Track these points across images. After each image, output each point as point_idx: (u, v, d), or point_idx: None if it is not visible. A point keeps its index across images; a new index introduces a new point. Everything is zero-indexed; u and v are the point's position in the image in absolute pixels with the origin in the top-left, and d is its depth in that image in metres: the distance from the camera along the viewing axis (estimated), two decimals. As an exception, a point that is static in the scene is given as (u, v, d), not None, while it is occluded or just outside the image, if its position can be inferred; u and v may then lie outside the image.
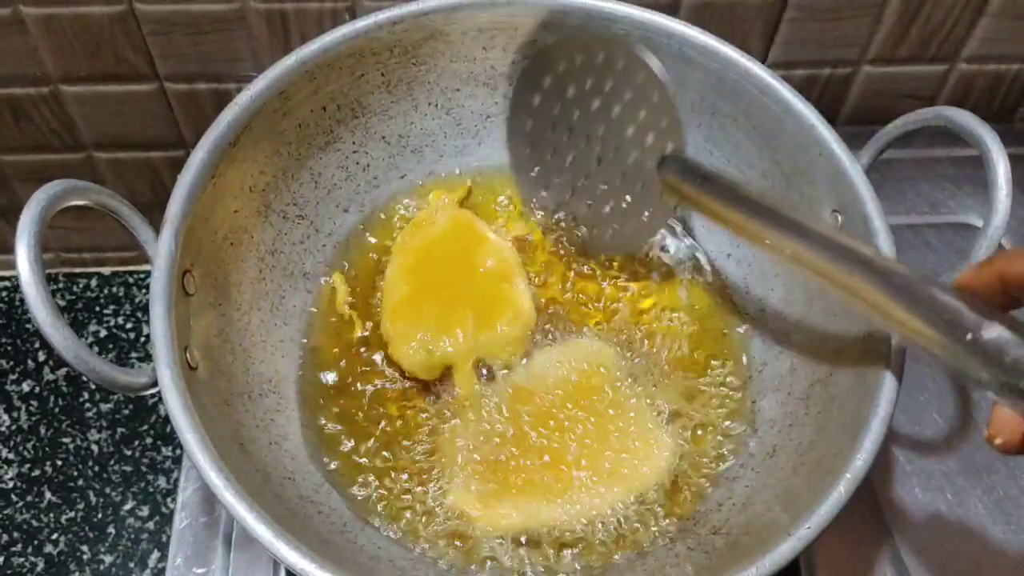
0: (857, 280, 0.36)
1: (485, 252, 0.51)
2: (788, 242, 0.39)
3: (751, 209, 0.42)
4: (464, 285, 0.49)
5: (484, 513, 0.43)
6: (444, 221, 0.52)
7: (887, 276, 0.35)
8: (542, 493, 0.44)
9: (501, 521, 0.43)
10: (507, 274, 0.50)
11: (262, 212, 0.48)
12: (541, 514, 0.43)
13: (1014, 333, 0.31)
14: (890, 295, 0.35)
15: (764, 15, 0.58)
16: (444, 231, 0.52)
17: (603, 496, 0.44)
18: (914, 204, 0.61)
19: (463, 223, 0.52)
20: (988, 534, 0.49)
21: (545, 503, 0.44)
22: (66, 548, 0.58)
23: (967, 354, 0.32)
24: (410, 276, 0.50)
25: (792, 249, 0.39)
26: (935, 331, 0.33)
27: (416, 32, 0.49)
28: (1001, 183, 0.41)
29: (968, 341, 0.32)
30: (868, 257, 0.37)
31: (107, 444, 0.61)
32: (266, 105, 0.45)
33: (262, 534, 0.35)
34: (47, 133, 0.61)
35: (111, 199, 0.41)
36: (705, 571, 0.39)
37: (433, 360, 0.47)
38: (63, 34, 0.55)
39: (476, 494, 0.44)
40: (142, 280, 0.69)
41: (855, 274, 0.36)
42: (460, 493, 0.44)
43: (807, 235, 0.39)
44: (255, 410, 0.44)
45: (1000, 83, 0.65)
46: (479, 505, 0.43)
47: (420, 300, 0.49)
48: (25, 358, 0.65)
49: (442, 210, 0.53)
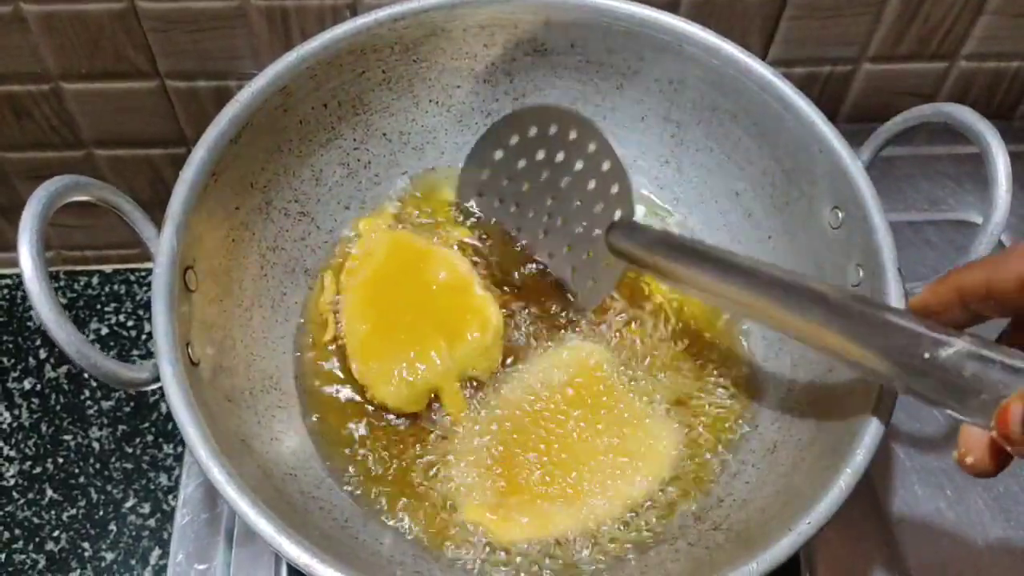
0: (814, 321, 0.36)
1: (434, 265, 0.49)
2: (745, 293, 0.39)
3: (704, 264, 0.42)
4: (423, 305, 0.48)
5: (501, 526, 0.43)
6: (383, 247, 0.50)
7: (842, 309, 0.35)
8: (554, 498, 0.44)
9: (518, 531, 0.43)
10: (462, 283, 0.49)
11: (263, 209, 0.48)
12: (556, 518, 0.43)
13: (972, 347, 0.31)
14: (844, 329, 0.34)
15: (764, 12, 0.58)
16: (386, 256, 0.50)
17: (610, 495, 0.44)
18: (914, 201, 0.61)
19: (402, 243, 0.51)
20: (988, 531, 0.49)
21: (558, 507, 0.44)
22: (67, 545, 0.58)
23: (926, 375, 0.31)
24: (367, 312, 0.48)
25: (748, 300, 0.39)
26: (890, 360, 0.33)
27: (417, 29, 0.49)
28: (1001, 179, 0.41)
29: (925, 360, 0.31)
30: (822, 293, 0.36)
31: (108, 441, 0.62)
32: (267, 102, 0.45)
33: (264, 529, 0.35)
34: (47, 130, 0.61)
35: (113, 195, 0.41)
36: (706, 566, 0.39)
37: (417, 391, 0.46)
38: (64, 31, 0.55)
39: (489, 507, 0.43)
40: (143, 278, 0.69)
41: (812, 314, 0.36)
42: (474, 508, 0.43)
43: (761, 283, 0.39)
44: (257, 406, 0.44)
45: (1000, 81, 0.65)
46: (494, 518, 0.43)
47: (385, 334, 0.47)
48: (26, 355, 0.65)
49: (377, 237, 0.51)
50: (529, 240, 0.52)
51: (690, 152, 0.53)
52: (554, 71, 0.52)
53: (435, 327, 0.47)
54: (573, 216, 0.49)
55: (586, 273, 0.49)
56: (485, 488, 0.44)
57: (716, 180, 0.52)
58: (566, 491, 0.44)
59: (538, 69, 0.52)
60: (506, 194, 0.52)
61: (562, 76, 0.53)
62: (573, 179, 0.49)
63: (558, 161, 0.49)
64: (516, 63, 0.52)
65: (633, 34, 0.49)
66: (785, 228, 0.49)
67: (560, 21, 0.50)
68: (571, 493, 0.44)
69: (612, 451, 0.45)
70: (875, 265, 0.42)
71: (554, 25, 0.50)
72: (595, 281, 0.49)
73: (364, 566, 0.39)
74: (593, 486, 0.44)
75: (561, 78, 0.53)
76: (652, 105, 0.52)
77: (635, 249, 0.45)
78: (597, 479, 0.45)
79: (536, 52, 0.51)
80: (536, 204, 0.51)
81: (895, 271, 0.41)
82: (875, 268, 0.42)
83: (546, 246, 0.51)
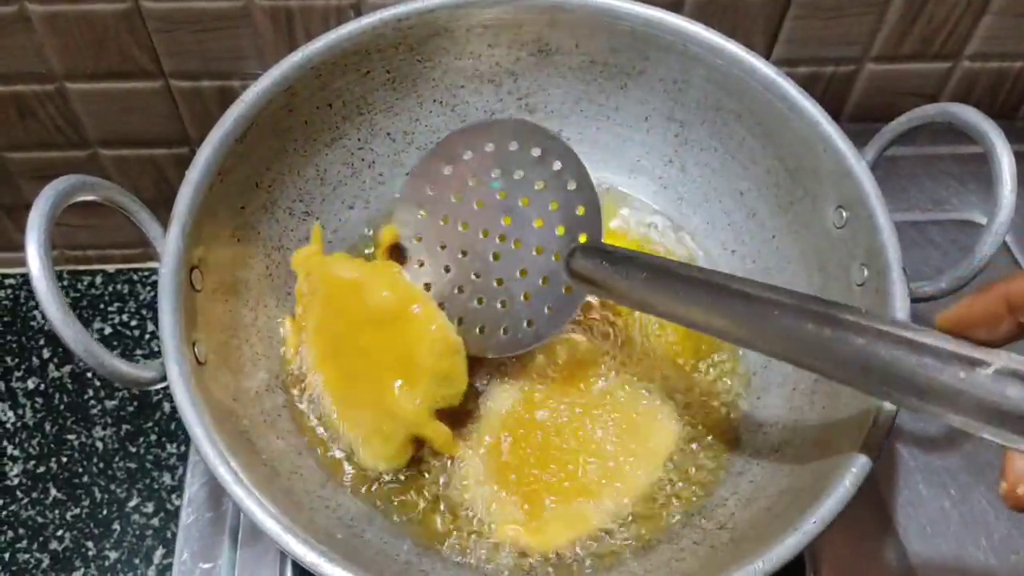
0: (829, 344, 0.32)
1: (375, 286, 0.46)
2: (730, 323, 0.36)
3: (686, 291, 0.38)
4: (374, 344, 0.45)
5: (538, 538, 0.43)
6: (321, 282, 0.47)
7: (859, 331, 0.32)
8: (577, 495, 0.44)
9: (555, 539, 0.43)
10: (405, 298, 0.46)
11: (268, 208, 0.48)
12: (587, 516, 0.43)
13: (1016, 365, 0.28)
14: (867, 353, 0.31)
15: (767, 12, 0.58)
16: (327, 293, 0.46)
17: (626, 485, 0.44)
18: (918, 201, 0.62)
19: (338, 272, 0.47)
20: (992, 530, 0.49)
21: (586, 507, 0.44)
22: (71, 544, 0.58)
23: (958, 399, 0.29)
24: (328, 369, 0.45)
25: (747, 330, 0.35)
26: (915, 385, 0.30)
27: (421, 29, 0.49)
28: (1006, 179, 0.41)
29: (961, 381, 0.29)
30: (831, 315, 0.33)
31: (112, 441, 0.62)
32: (272, 102, 0.46)
33: (271, 527, 0.35)
34: (52, 130, 0.61)
35: (120, 195, 0.41)
36: (711, 565, 0.39)
37: (398, 447, 0.43)
38: (68, 31, 0.55)
39: (520, 523, 0.43)
40: (147, 277, 0.69)
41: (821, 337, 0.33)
42: (507, 529, 0.43)
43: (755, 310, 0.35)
44: (263, 405, 0.44)
45: (1003, 81, 0.65)
46: (529, 531, 0.43)
47: (349, 394, 0.44)
48: (30, 355, 0.65)
49: (313, 274, 0.48)
50: (478, 263, 0.47)
51: (694, 152, 0.53)
52: (558, 71, 0.52)
53: (391, 367, 0.44)
54: (531, 238, 0.46)
55: (543, 300, 0.45)
56: (509, 505, 0.44)
57: (720, 180, 0.52)
58: (586, 487, 0.44)
59: (542, 69, 0.52)
60: (453, 213, 0.48)
61: (566, 76, 0.53)
62: (533, 198, 0.46)
63: (516, 179, 0.46)
64: (520, 63, 0.52)
65: (637, 34, 0.49)
66: (789, 227, 0.49)
67: (564, 21, 0.50)
68: (591, 488, 0.44)
69: (615, 442, 0.45)
70: (880, 265, 0.42)
71: (558, 25, 0.50)
72: (552, 309, 0.45)
73: (370, 565, 0.39)
74: (607, 477, 0.44)
75: (565, 78, 0.53)
76: (656, 105, 0.52)
77: (599, 273, 0.42)
78: (612, 469, 0.44)
79: (540, 52, 0.52)
80: (488, 224, 0.47)
81: (900, 270, 0.41)
82: (880, 267, 0.42)
83: (497, 270, 0.47)
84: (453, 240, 0.48)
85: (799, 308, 0.34)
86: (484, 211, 0.47)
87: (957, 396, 0.29)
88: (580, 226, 0.45)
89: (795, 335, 0.34)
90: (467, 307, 0.47)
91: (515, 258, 0.46)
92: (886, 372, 0.31)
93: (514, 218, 0.47)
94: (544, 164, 0.46)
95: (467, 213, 0.48)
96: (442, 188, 0.48)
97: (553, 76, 0.53)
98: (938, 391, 0.29)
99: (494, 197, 0.47)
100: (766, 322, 0.35)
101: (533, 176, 0.46)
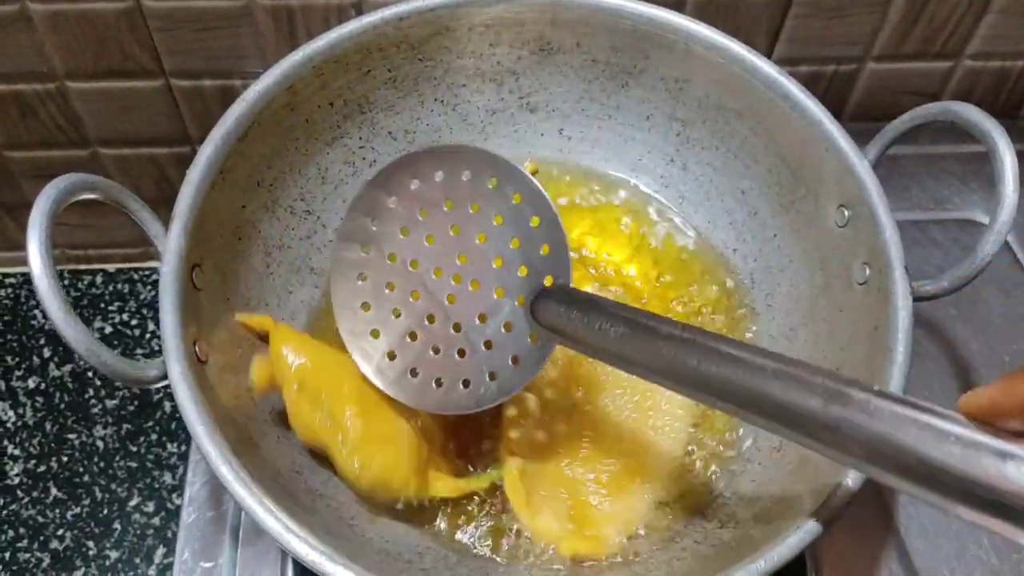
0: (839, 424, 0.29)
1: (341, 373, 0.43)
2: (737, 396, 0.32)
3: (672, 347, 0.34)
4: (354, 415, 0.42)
5: (597, 542, 0.43)
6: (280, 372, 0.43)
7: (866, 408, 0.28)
8: (620, 496, 0.44)
9: (607, 546, 0.43)
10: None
11: (269, 207, 0.48)
12: (635, 510, 0.43)
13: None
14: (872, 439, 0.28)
15: (769, 12, 0.58)
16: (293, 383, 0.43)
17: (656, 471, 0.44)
18: (919, 200, 0.62)
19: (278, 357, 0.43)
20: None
21: (631, 501, 0.43)
22: (72, 544, 0.58)
23: (978, 494, 0.25)
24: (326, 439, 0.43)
25: (743, 402, 0.31)
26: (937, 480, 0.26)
27: (422, 28, 0.49)
28: (1008, 178, 0.41)
29: (991, 477, 0.25)
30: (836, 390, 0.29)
31: (113, 440, 0.62)
32: (274, 101, 0.46)
33: (272, 526, 0.35)
34: (53, 129, 0.61)
35: (121, 193, 0.41)
36: (712, 564, 0.39)
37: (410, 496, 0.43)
38: (69, 30, 0.55)
39: (576, 536, 0.43)
40: (147, 277, 0.69)
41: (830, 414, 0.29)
42: (572, 543, 0.43)
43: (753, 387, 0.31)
44: (264, 404, 0.44)
45: (1005, 80, 0.65)
46: (590, 540, 0.43)
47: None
48: (31, 354, 0.65)
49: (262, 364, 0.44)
50: (432, 307, 0.42)
51: (696, 151, 0.53)
52: (559, 70, 0.52)
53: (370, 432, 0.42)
54: (489, 280, 0.41)
55: (506, 349, 0.41)
56: (561, 519, 0.43)
57: (722, 179, 0.52)
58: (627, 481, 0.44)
59: (543, 68, 0.52)
60: (401, 250, 0.43)
61: (567, 75, 0.53)
62: (490, 235, 0.41)
63: (470, 212, 0.41)
64: (521, 62, 0.52)
65: (639, 33, 0.49)
66: (791, 226, 0.49)
67: (566, 20, 0.50)
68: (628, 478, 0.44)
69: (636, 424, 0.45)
70: (881, 263, 0.42)
71: (560, 24, 0.50)
72: (517, 361, 0.40)
73: (371, 564, 0.39)
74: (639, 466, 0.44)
75: (566, 77, 0.53)
76: (658, 104, 0.52)
77: (567, 323, 0.37)
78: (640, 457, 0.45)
79: (542, 51, 0.51)
80: (440, 263, 0.42)
81: (902, 269, 0.41)
82: (881, 266, 0.42)
83: (454, 314, 0.42)
84: (402, 280, 0.43)
85: (801, 380, 0.30)
86: (436, 248, 0.42)
87: (983, 494, 0.25)
88: (545, 266, 0.40)
89: (797, 409, 0.30)
90: (421, 357, 0.42)
91: (473, 301, 0.41)
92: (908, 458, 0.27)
93: (470, 256, 0.41)
94: (502, 196, 0.40)
95: (416, 250, 0.42)
96: (386, 222, 0.43)
97: (555, 75, 0.53)
98: (959, 489, 0.26)
99: (446, 232, 0.42)
100: (764, 395, 0.31)
101: (490, 209, 0.41)
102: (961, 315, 0.56)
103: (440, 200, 0.42)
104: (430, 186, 0.42)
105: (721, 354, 0.32)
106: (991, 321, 0.56)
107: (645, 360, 0.35)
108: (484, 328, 0.41)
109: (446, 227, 0.42)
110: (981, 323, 0.56)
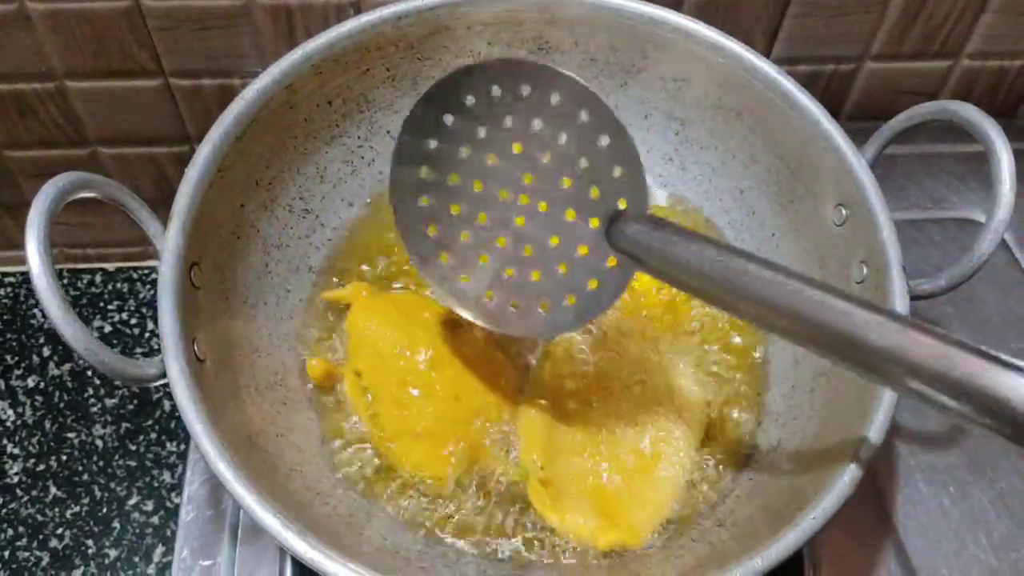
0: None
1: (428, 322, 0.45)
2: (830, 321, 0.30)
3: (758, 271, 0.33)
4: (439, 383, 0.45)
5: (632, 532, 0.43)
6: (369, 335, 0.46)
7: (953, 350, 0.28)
8: (644, 478, 0.44)
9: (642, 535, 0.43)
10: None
11: (268, 206, 0.48)
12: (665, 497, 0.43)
13: None
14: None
15: (768, 11, 0.58)
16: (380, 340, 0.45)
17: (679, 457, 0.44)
18: (917, 199, 0.62)
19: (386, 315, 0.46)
20: (991, 528, 0.49)
21: (660, 488, 0.44)
22: (71, 542, 0.58)
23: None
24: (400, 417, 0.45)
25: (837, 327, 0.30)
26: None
27: (421, 27, 0.49)
28: (1005, 177, 0.41)
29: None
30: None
31: (112, 439, 0.62)
32: (272, 99, 0.46)
33: (270, 524, 0.35)
34: (52, 129, 0.61)
35: (120, 192, 0.41)
36: (709, 562, 0.39)
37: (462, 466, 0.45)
38: (69, 30, 0.55)
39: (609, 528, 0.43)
40: (146, 276, 0.69)
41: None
42: (609, 536, 0.42)
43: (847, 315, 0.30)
44: (262, 402, 0.44)
45: (1003, 79, 0.65)
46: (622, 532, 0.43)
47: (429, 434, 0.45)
48: (30, 353, 0.65)
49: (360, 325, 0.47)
50: (501, 229, 0.41)
51: (694, 150, 0.53)
52: (558, 69, 0.52)
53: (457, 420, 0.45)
54: (559, 201, 0.39)
55: (585, 272, 0.39)
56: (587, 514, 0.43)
57: (720, 178, 0.52)
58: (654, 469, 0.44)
59: (542, 67, 0.52)
60: (462, 170, 0.41)
61: (566, 74, 0.53)
62: (556, 154, 0.39)
63: (535, 131, 0.39)
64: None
65: (637, 32, 0.49)
66: (789, 225, 0.49)
67: (564, 19, 0.50)
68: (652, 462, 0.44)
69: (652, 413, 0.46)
70: (879, 262, 0.42)
71: (558, 23, 0.50)
72: (600, 283, 0.39)
73: (369, 561, 0.39)
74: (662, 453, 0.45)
75: (565, 76, 0.53)
76: (656, 103, 0.52)
77: (656, 247, 0.35)
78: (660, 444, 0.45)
79: (540, 50, 0.51)
80: (507, 184, 0.40)
81: (899, 268, 0.41)
82: (879, 265, 0.42)
83: (525, 237, 0.40)
84: (467, 202, 0.41)
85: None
86: (499, 168, 0.40)
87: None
88: (618, 189, 0.38)
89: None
90: (496, 280, 0.41)
91: (544, 223, 0.40)
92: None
93: (537, 176, 0.39)
94: (566, 114, 0.38)
95: (479, 170, 0.40)
96: (444, 141, 0.41)
97: (553, 74, 0.53)
98: None
99: (509, 151, 0.39)
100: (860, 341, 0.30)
101: (555, 127, 0.38)
102: (958, 314, 0.56)
103: (499, 117, 0.39)
104: (487, 102, 0.39)
105: (816, 300, 0.31)
106: (988, 320, 0.56)
107: (732, 293, 0.33)
108: (558, 251, 0.40)
109: (508, 145, 0.39)
110: (978, 322, 0.56)
